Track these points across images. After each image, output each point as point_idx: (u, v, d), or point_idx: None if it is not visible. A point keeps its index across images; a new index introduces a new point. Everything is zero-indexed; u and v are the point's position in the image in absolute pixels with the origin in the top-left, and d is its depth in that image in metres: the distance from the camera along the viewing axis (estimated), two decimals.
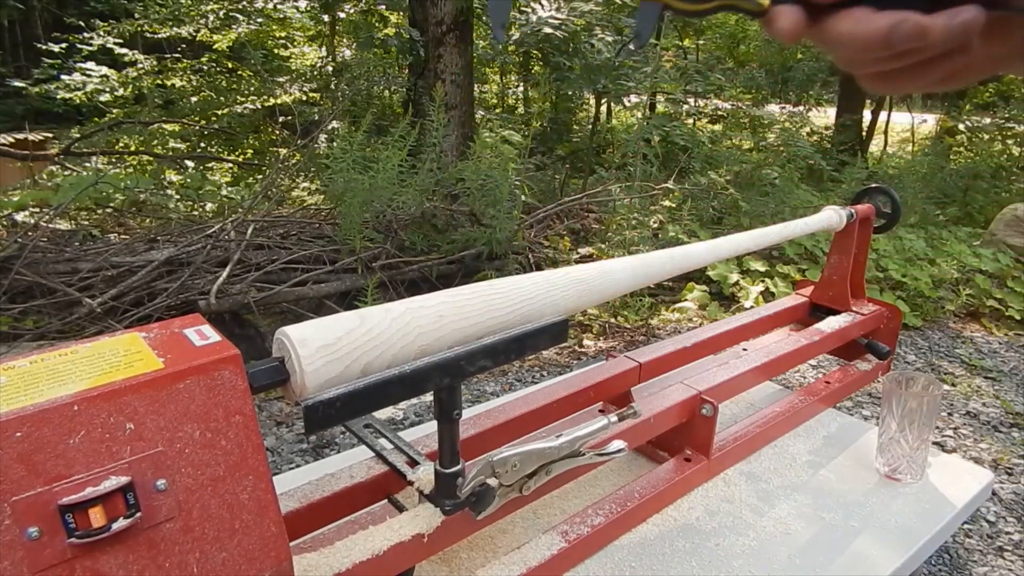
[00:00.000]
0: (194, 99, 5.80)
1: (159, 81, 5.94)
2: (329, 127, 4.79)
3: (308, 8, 6.37)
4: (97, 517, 0.40)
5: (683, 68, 5.53)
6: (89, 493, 0.40)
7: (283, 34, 6.82)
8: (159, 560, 0.43)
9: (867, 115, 8.24)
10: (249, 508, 0.46)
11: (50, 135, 5.84)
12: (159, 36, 5.89)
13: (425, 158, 3.19)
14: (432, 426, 0.71)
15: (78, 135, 5.27)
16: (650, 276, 0.83)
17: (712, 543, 0.87)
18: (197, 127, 5.56)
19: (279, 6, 6.02)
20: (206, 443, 0.44)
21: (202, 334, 0.48)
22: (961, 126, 7.07)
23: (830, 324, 1.23)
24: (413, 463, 0.71)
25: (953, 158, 6.52)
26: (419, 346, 0.56)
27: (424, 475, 0.66)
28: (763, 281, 3.14)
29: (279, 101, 5.44)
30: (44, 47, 6.02)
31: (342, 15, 6.26)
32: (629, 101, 4.89)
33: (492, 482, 0.64)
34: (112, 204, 3.77)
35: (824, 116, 8.06)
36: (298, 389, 0.50)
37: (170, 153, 5.29)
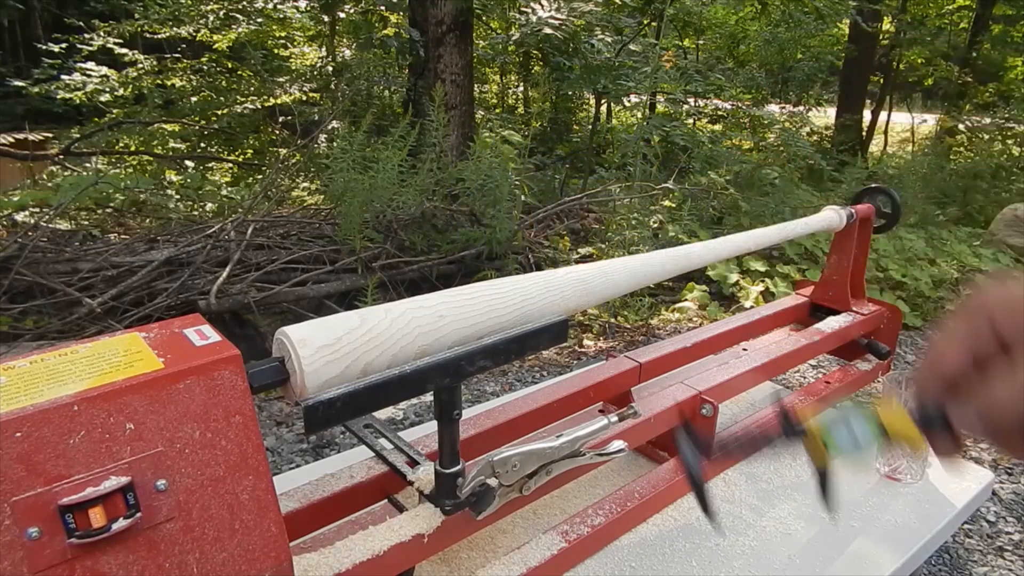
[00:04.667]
0: (194, 99, 5.80)
1: (159, 81, 5.93)
2: (329, 127, 4.79)
3: (308, 8, 6.37)
4: (97, 517, 0.40)
5: (683, 68, 5.53)
6: (89, 493, 0.40)
7: (283, 34, 6.82)
8: (159, 560, 0.43)
9: (867, 115, 8.23)
10: (249, 508, 0.46)
11: (50, 135, 5.83)
12: (159, 36, 5.88)
13: (425, 158, 3.20)
14: (432, 426, 0.71)
15: (78, 135, 5.26)
16: (650, 276, 0.82)
17: (712, 543, 0.87)
18: (197, 127, 5.55)
19: (279, 6, 6.01)
20: (206, 443, 0.44)
21: (202, 334, 0.48)
22: (961, 126, 7.07)
23: (830, 324, 1.22)
24: (413, 463, 0.70)
25: (953, 158, 6.52)
26: (419, 346, 0.56)
27: (424, 475, 0.66)
28: (763, 281, 3.14)
29: (279, 101, 5.44)
30: (44, 47, 6.01)
31: (342, 15, 6.26)
32: (629, 101, 4.89)
33: (492, 482, 0.64)
34: (112, 204, 3.78)
35: (824, 116, 8.06)
36: (298, 389, 0.50)
37: (170, 153, 5.28)
